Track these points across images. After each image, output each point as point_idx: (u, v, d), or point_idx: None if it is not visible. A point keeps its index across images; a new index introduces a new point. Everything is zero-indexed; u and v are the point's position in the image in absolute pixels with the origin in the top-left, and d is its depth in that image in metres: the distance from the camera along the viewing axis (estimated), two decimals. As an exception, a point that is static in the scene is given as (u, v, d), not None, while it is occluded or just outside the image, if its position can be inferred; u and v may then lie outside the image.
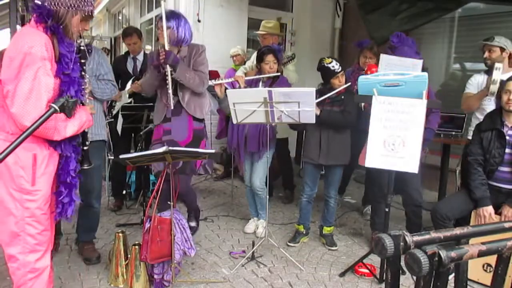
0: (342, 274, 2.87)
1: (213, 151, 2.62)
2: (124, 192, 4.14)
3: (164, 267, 2.57)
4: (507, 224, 1.29)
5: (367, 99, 2.60)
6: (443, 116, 3.64)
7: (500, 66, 2.89)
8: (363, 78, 2.68)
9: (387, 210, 2.75)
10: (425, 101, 2.46)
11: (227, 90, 2.93)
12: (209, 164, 3.24)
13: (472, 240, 1.21)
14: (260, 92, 2.82)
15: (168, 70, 2.84)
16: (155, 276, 2.57)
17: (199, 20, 5.29)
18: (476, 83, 3.29)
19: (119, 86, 3.97)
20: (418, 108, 2.46)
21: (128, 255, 2.62)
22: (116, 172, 4.15)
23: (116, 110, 4.09)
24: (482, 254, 1.12)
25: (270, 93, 2.72)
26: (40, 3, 1.86)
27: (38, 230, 1.91)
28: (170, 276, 2.55)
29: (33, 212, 1.88)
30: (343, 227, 3.82)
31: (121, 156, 2.37)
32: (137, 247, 2.55)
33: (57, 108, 1.51)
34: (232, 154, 3.96)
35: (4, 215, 1.86)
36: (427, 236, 1.16)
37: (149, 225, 2.48)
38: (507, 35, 3.29)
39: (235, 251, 3.20)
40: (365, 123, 2.68)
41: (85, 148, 2.14)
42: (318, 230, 3.50)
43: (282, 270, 2.93)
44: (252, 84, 3.42)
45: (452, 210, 2.83)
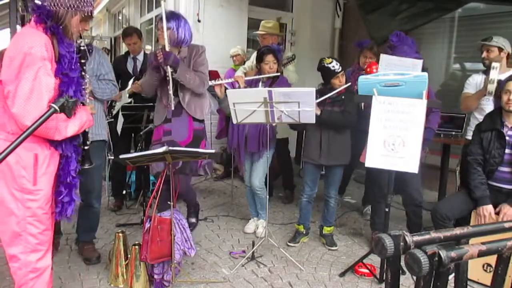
0: (342, 274, 2.87)
1: (213, 151, 2.62)
2: (124, 192, 4.14)
3: (164, 267, 2.57)
4: (507, 224, 1.30)
5: (367, 99, 2.60)
6: (443, 116, 3.64)
7: (497, 65, 2.89)
8: (363, 78, 2.68)
9: (387, 210, 2.75)
10: (425, 101, 2.46)
11: (227, 90, 2.93)
12: (208, 165, 3.24)
13: (472, 240, 1.21)
14: (260, 92, 2.82)
15: (169, 71, 2.85)
16: (155, 276, 2.57)
17: (199, 20, 5.29)
18: (475, 83, 3.30)
19: (119, 86, 3.97)
20: (418, 108, 2.46)
21: (128, 255, 2.62)
22: (116, 172, 4.15)
23: (116, 110, 4.10)
24: (482, 254, 1.12)
25: (270, 93, 2.72)
26: (39, 3, 1.86)
27: (40, 229, 1.92)
28: (170, 276, 2.55)
29: (34, 211, 1.88)
30: (343, 227, 3.82)
31: (121, 156, 2.37)
32: (137, 247, 2.55)
33: (57, 108, 1.51)
34: (232, 154, 3.96)
35: (5, 215, 1.86)
36: (427, 236, 1.16)
37: (149, 225, 2.49)
38: (507, 35, 3.29)
39: (235, 251, 3.20)
40: (365, 123, 2.68)
41: (86, 147, 2.15)
42: (318, 230, 3.50)
43: (282, 270, 2.93)
44: (252, 84, 3.42)
45: (452, 210, 2.84)
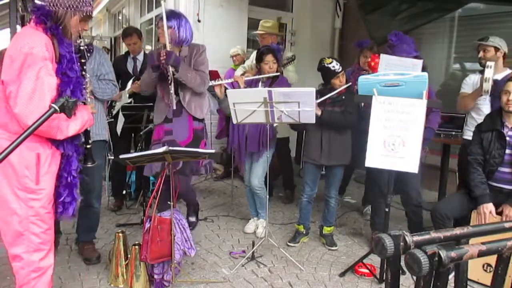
0: (342, 274, 2.87)
1: (213, 151, 2.62)
2: (124, 192, 4.14)
3: (164, 267, 2.57)
4: (507, 224, 1.30)
5: (367, 99, 2.60)
6: (443, 116, 3.64)
7: (491, 64, 2.90)
8: (363, 78, 2.68)
9: (387, 210, 2.75)
10: (425, 101, 2.46)
11: (227, 90, 2.93)
12: (209, 164, 3.24)
13: (472, 240, 1.21)
14: (260, 92, 2.82)
15: (170, 70, 2.85)
16: (155, 276, 2.57)
17: (199, 20, 5.29)
18: (471, 83, 3.32)
19: (119, 86, 3.97)
20: (418, 108, 2.46)
21: (128, 255, 2.62)
22: (116, 172, 4.15)
23: (116, 110, 4.10)
24: (482, 254, 1.12)
25: (270, 93, 2.72)
26: (39, 4, 1.87)
27: (42, 229, 1.93)
28: (170, 276, 2.55)
29: (37, 211, 1.89)
30: (343, 227, 3.82)
31: (121, 156, 2.37)
32: (137, 247, 2.55)
33: (57, 108, 1.51)
34: (232, 154, 3.96)
35: (8, 215, 1.88)
36: (427, 236, 1.16)
37: (149, 225, 2.48)
38: (507, 35, 3.29)
39: (235, 251, 3.20)
40: (365, 123, 2.68)
41: (88, 146, 2.16)
42: (318, 230, 3.50)
43: (282, 270, 2.93)
44: (252, 84, 3.42)
45: (451, 209, 2.85)
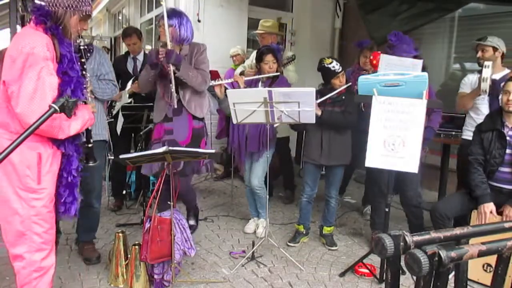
0: (342, 274, 2.87)
1: (213, 151, 2.62)
2: (124, 192, 4.14)
3: (164, 267, 2.57)
4: (507, 224, 1.30)
5: (367, 99, 2.60)
6: (443, 116, 3.64)
7: (489, 64, 2.91)
8: (363, 78, 2.68)
9: (387, 210, 2.75)
10: (425, 101, 2.46)
11: (227, 90, 2.93)
12: (210, 163, 3.24)
13: (472, 240, 1.21)
14: (260, 92, 2.82)
15: (171, 69, 2.84)
16: (155, 276, 2.57)
17: (199, 20, 5.29)
18: (470, 83, 3.32)
19: (119, 86, 3.97)
20: (418, 108, 2.46)
21: (128, 255, 2.62)
22: (116, 172, 4.15)
23: (116, 110, 4.09)
24: (482, 254, 1.12)
25: (270, 93, 2.72)
26: (39, 4, 1.88)
27: (44, 228, 1.94)
28: (170, 276, 2.55)
29: (39, 210, 1.90)
30: (343, 227, 3.82)
31: (121, 156, 2.37)
32: (137, 247, 2.55)
33: (57, 108, 1.51)
34: (232, 154, 3.96)
35: (9, 215, 1.89)
36: (427, 236, 1.16)
37: (149, 225, 2.48)
38: (507, 35, 3.29)
39: (235, 251, 3.20)
40: (365, 123, 2.68)
41: (89, 145, 2.16)
42: (318, 230, 3.50)
43: (282, 270, 2.93)
44: (252, 84, 3.42)
45: (451, 209, 2.85)
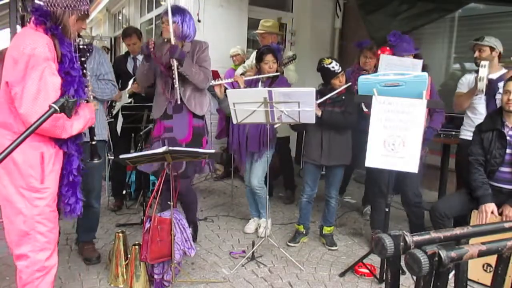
0: (342, 274, 2.87)
1: (213, 151, 2.61)
2: (124, 192, 4.14)
3: (164, 267, 2.57)
4: (507, 224, 1.29)
5: (367, 99, 2.60)
6: (443, 116, 3.65)
7: (485, 63, 2.92)
8: (363, 78, 2.68)
9: (387, 210, 2.75)
10: (425, 101, 2.46)
11: (227, 90, 2.93)
12: (211, 161, 3.23)
13: (472, 240, 1.21)
14: (260, 92, 2.82)
15: (175, 64, 2.83)
16: (155, 276, 2.57)
17: (199, 20, 5.28)
18: (467, 82, 3.34)
19: (119, 86, 3.97)
20: (418, 108, 2.46)
21: (128, 255, 2.62)
22: (116, 172, 4.15)
23: (116, 110, 4.10)
24: (482, 254, 1.12)
25: (270, 93, 2.72)
26: (37, 4, 1.88)
27: (48, 227, 1.95)
28: (170, 276, 2.55)
29: (42, 209, 1.91)
30: (343, 227, 3.82)
31: (121, 156, 2.37)
32: (137, 247, 2.55)
33: (57, 108, 1.51)
34: (232, 154, 3.95)
35: (13, 215, 1.89)
36: (427, 236, 1.16)
37: (149, 225, 2.48)
38: (507, 35, 3.30)
39: (235, 251, 3.20)
40: (365, 123, 2.68)
41: (93, 143, 2.17)
42: (318, 230, 3.50)
43: (282, 270, 2.93)
44: (252, 84, 3.42)
45: (451, 209, 2.85)
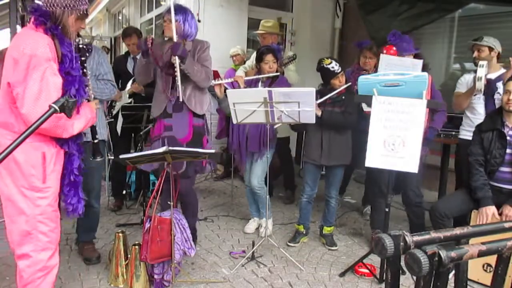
0: (342, 274, 2.87)
1: (213, 151, 2.61)
2: (124, 192, 4.14)
3: (164, 267, 2.57)
4: (507, 224, 1.29)
5: (367, 99, 2.60)
6: (443, 116, 3.65)
7: (484, 63, 2.93)
8: (363, 78, 2.68)
9: (387, 210, 2.75)
10: (425, 101, 2.46)
11: (227, 90, 2.93)
12: (212, 161, 3.23)
13: (472, 240, 1.21)
14: (260, 92, 2.82)
15: (177, 61, 2.82)
16: (155, 276, 2.57)
17: (199, 20, 5.27)
18: (466, 82, 3.35)
19: (119, 86, 3.97)
20: (418, 108, 2.46)
21: (128, 255, 2.62)
22: (116, 172, 4.15)
23: (116, 110, 4.10)
24: (482, 254, 1.12)
25: (270, 93, 2.72)
26: (37, 4, 1.88)
27: (50, 227, 1.95)
28: (170, 276, 2.55)
29: (44, 209, 1.92)
30: (343, 227, 3.82)
31: (121, 156, 2.37)
32: (137, 247, 2.55)
33: (57, 108, 1.51)
34: (232, 154, 3.95)
35: (15, 215, 1.90)
36: (427, 236, 1.16)
37: (149, 225, 2.48)
38: (507, 35, 3.30)
39: (235, 251, 3.20)
40: (365, 123, 2.68)
41: (95, 141, 2.17)
42: (318, 230, 3.50)
43: (282, 270, 2.93)
44: (252, 84, 3.42)
45: (450, 208, 2.85)
